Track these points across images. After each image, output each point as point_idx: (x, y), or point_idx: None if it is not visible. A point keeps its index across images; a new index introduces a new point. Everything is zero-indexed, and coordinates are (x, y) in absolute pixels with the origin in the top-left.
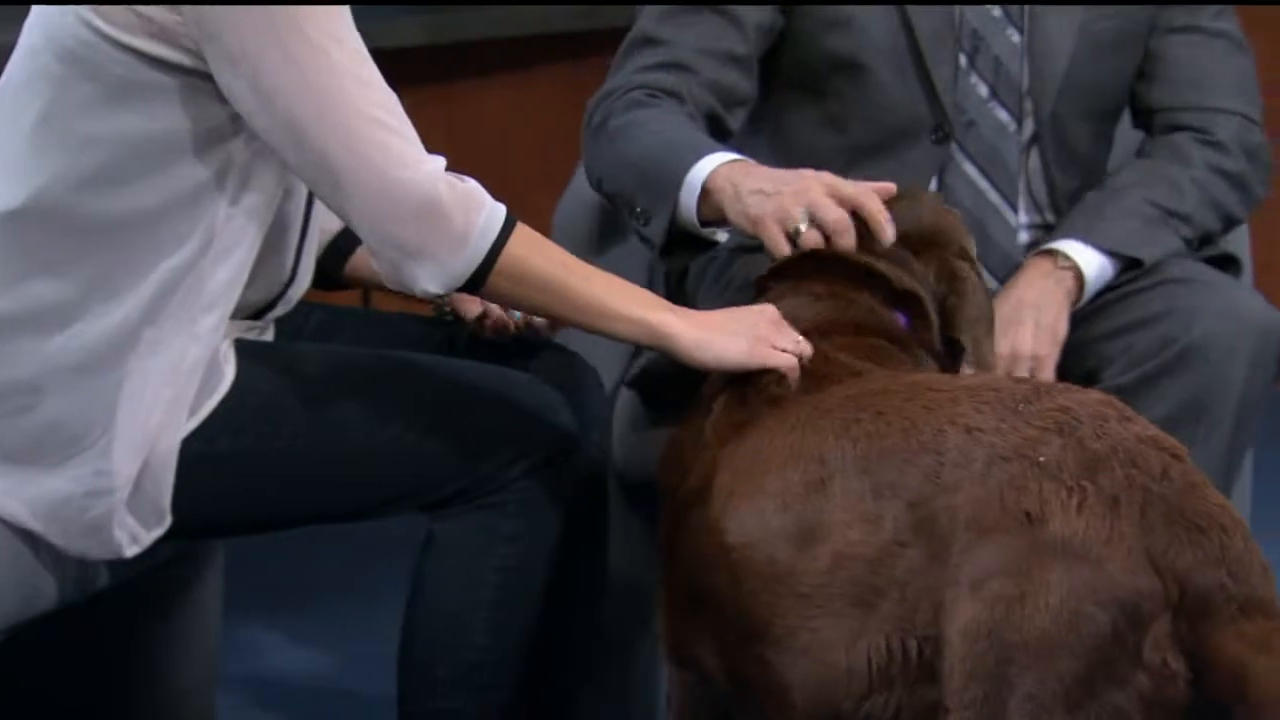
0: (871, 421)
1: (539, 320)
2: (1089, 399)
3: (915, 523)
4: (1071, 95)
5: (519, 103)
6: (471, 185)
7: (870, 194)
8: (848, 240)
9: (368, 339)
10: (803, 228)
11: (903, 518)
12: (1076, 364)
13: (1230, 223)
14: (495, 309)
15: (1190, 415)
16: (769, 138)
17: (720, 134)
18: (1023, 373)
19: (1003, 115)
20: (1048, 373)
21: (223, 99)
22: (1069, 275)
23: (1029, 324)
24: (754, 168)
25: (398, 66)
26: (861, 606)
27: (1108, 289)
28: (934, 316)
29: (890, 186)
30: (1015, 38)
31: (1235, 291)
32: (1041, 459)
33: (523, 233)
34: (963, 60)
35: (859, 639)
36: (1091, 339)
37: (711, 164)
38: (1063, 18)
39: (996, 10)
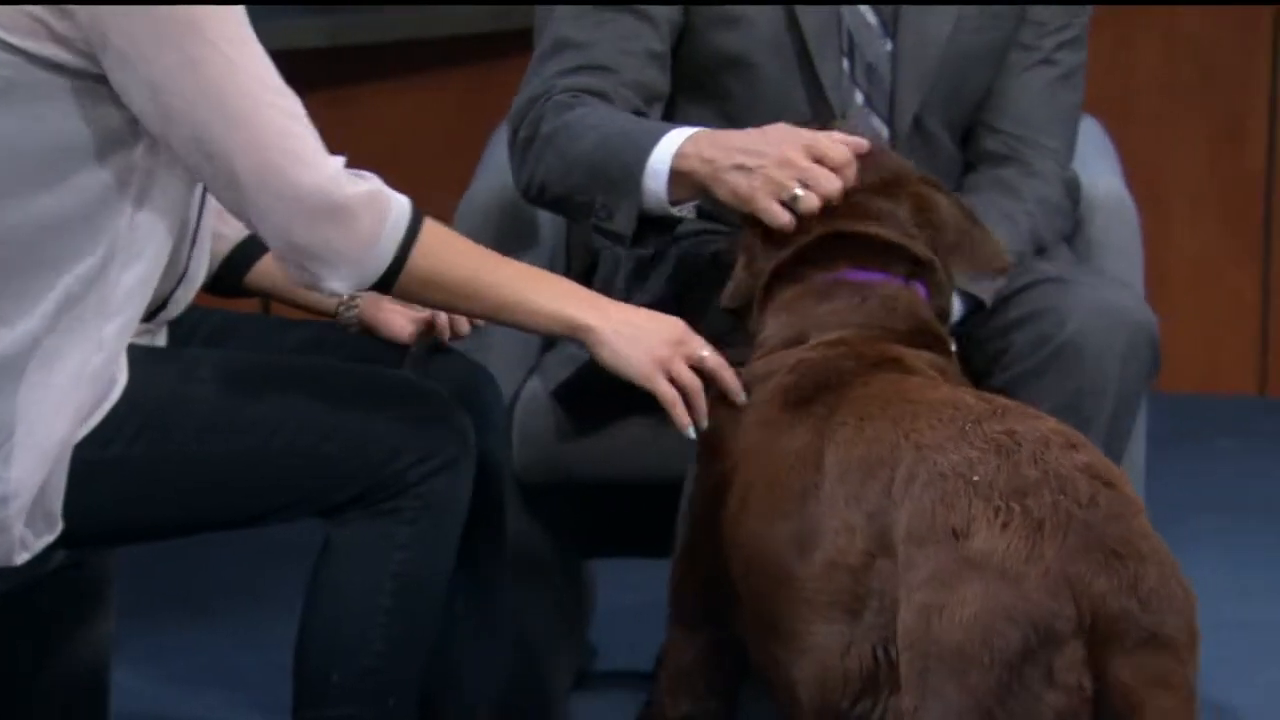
0: (853, 428)
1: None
2: (1039, 426)
3: (876, 534)
4: (935, 105)
5: (422, 106)
6: (376, 184)
7: (849, 155)
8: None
9: (263, 344)
10: (799, 192)
11: (869, 529)
12: (973, 366)
13: (1041, 253)
14: (442, 318)
15: (1067, 412)
16: None
17: None
18: None
19: (876, 122)
20: None
21: (120, 102)
22: None
23: None
24: (718, 136)
25: (298, 69)
26: (850, 614)
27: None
28: (944, 276)
29: (862, 142)
30: (887, 46)
31: (1108, 289)
32: (975, 478)
33: (431, 230)
34: (845, 64)
35: (851, 645)
36: (976, 340)
37: (672, 144)
38: (933, 28)
39: (872, 18)
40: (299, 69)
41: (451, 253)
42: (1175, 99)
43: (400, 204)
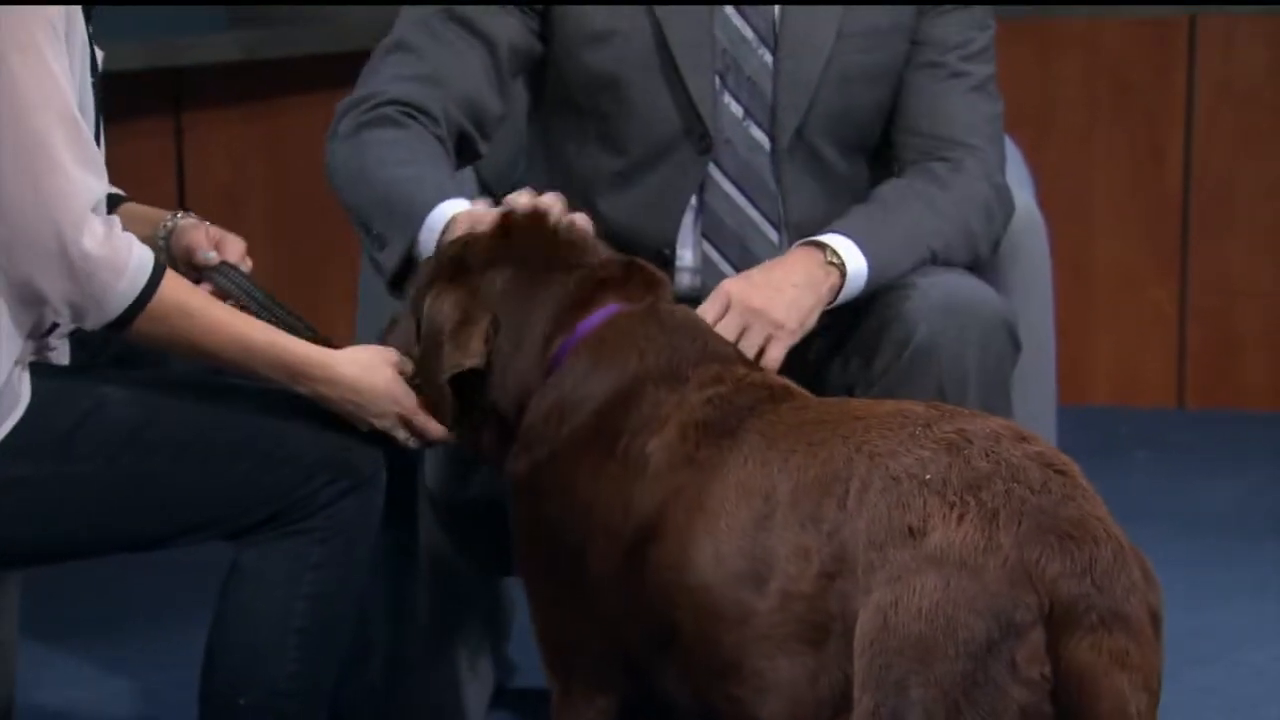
0: (805, 453)
1: None
2: (988, 424)
3: (834, 551)
4: (819, 121)
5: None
6: (119, 239)
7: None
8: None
9: (172, 364)
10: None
11: (825, 548)
12: (834, 375)
13: (977, 253)
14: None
15: None
16: (544, 160)
17: (469, 154)
18: (758, 335)
19: (758, 134)
20: (779, 350)
21: None
22: (835, 274)
23: (788, 294)
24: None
25: (218, 83)
26: (812, 644)
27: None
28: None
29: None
30: (767, 58)
31: (954, 285)
32: (928, 477)
33: (171, 281)
34: (716, 80)
35: (819, 675)
36: (837, 347)
37: (454, 207)
38: (812, 45)
39: (749, 31)
40: (219, 83)
41: (187, 307)
42: (1095, 114)
43: (141, 258)
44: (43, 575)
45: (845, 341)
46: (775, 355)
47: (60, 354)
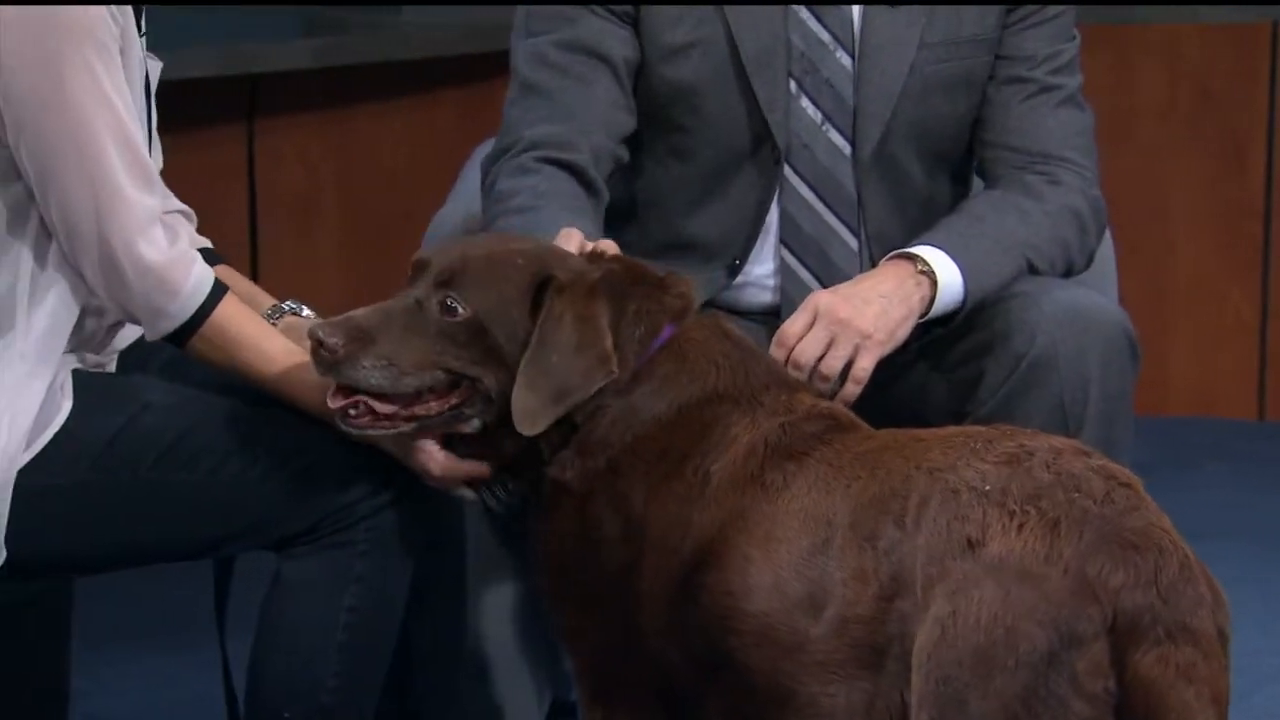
0: (867, 477)
1: None
2: (1051, 440)
3: (892, 571)
4: (900, 131)
5: (416, 127)
6: (182, 249)
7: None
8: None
9: (218, 377)
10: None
11: (883, 568)
12: (938, 399)
13: (1071, 265)
14: None
15: (1055, 426)
16: (624, 178)
17: (618, 174)
18: (845, 347)
19: (838, 139)
20: (868, 360)
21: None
22: (926, 283)
23: (876, 305)
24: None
25: (293, 90)
26: (869, 668)
27: (948, 316)
28: None
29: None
30: (846, 61)
31: (1070, 294)
32: (988, 488)
33: (228, 308)
34: (792, 84)
35: (875, 699)
36: (942, 367)
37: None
38: (895, 54)
39: (825, 34)
40: (291, 90)
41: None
42: (1175, 121)
43: (198, 280)
44: (94, 583)
45: (950, 361)
46: (864, 366)
47: (108, 366)
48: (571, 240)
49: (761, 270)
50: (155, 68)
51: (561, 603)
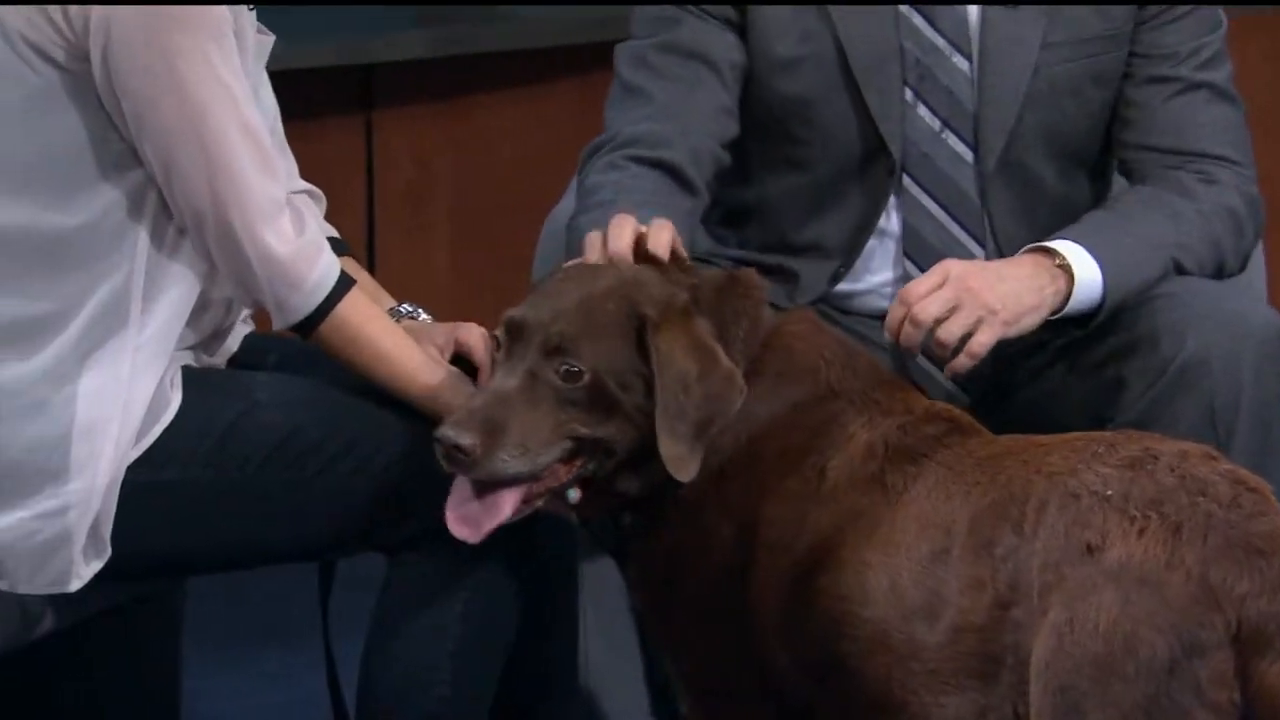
0: (987, 484)
1: None
2: (1177, 444)
3: (1009, 578)
4: (1027, 135)
5: (533, 116)
6: (307, 247)
7: None
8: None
9: (333, 374)
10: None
11: (1000, 576)
12: (1077, 403)
13: (1222, 266)
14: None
15: (1205, 433)
16: (735, 184)
17: (726, 178)
18: (968, 316)
19: (959, 146)
20: (987, 336)
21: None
22: (1062, 278)
23: (1009, 284)
24: None
25: (407, 81)
26: (983, 679)
27: (1086, 316)
28: None
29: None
30: (963, 65)
31: (1222, 296)
32: (1109, 493)
33: (351, 302)
34: (908, 92)
35: (987, 712)
36: (1081, 369)
37: None
38: (1016, 56)
39: (939, 39)
40: (407, 81)
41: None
42: None
43: (323, 273)
44: (209, 585)
45: (1091, 363)
46: (983, 341)
47: (224, 353)
48: (625, 228)
49: (880, 279)
50: (266, 42)
51: (666, 616)
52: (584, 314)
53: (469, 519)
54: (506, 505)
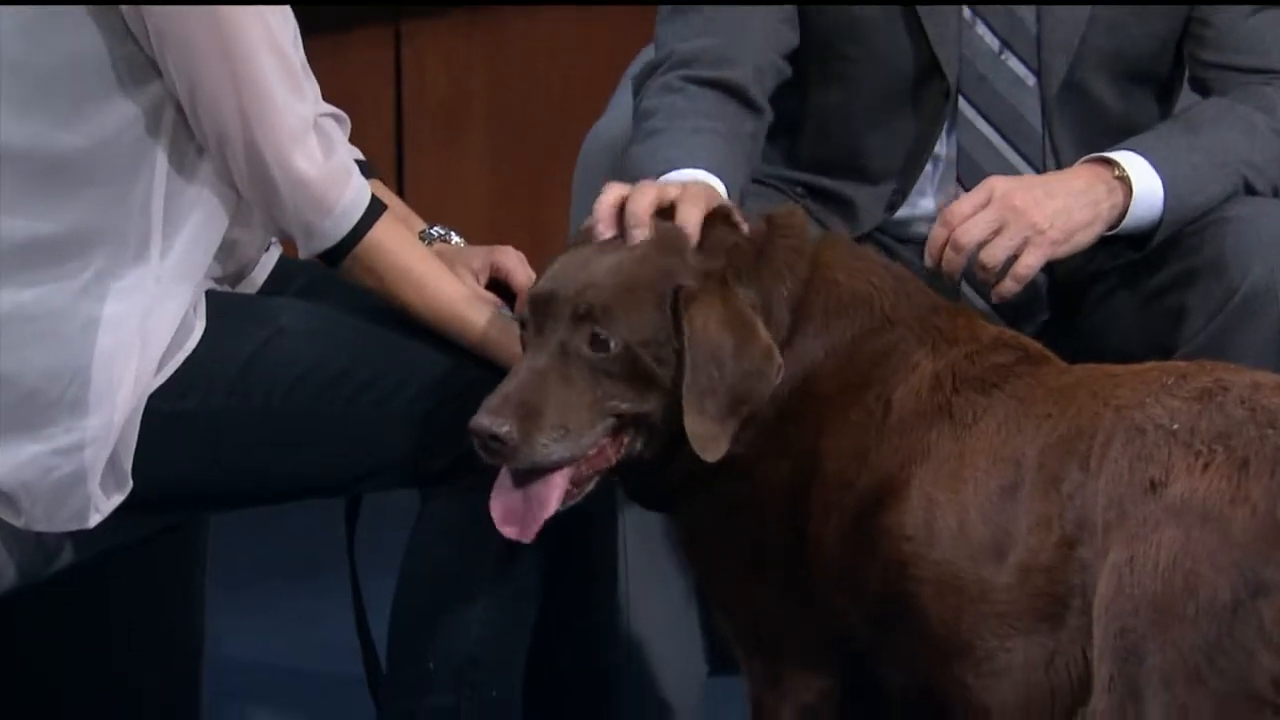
0: (1058, 416)
1: None
2: (1251, 375)
3: (1076, 516)
4: (1091, 58)
5: (575, 24)
6: (336, 171)
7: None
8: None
9: (360, 300)
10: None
11: (1067, 513)
12: (1138, 332)
13: None
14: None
15: (1273, 364)
16: (784, 94)
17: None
18: (1013, 236)
19: (1019, 69)
20: (1034, 258)
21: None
22: (1120, 190)
23: (1059, 200)
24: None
25: None
26: (1050, 621)
27: (1144, 237)
28: None
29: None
30: None
31: None
32: (1175, 427)
33: (383, 228)
34: (967, 10)
35: (1055, 655)
36: (1144, 296)
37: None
38: None
39: None
40: None
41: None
42: None
43: (353, 198)
44: (234, 522)
45: (1153, 290)
46: (1029, 263)
47: (249, 284)
48: (645, 198)
49: (933, 205)
50: None
51: (718, 570)
52: (615, 281)
53: (515, 514)
54: (553, 495)
